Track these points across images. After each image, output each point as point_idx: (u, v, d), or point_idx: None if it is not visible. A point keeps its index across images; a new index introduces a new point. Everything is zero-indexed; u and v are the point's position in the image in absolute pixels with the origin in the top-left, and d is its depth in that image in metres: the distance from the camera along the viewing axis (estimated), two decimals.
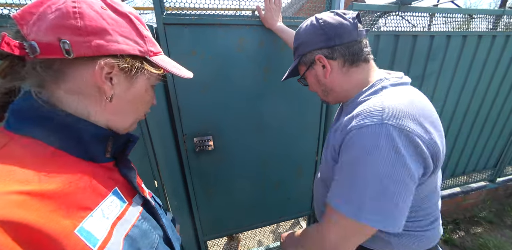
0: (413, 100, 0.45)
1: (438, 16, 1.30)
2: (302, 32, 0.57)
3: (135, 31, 0.34)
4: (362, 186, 0.41)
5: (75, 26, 0.28)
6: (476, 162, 1.88)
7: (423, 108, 0.45)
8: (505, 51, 1.48)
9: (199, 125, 0.99)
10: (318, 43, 0.53)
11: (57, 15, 0.28)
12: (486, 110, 1.65)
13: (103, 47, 0.30)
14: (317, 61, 0.55)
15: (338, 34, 0.50)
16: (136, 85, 0.36)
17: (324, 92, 0.60)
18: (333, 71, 0.54)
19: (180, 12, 0.86)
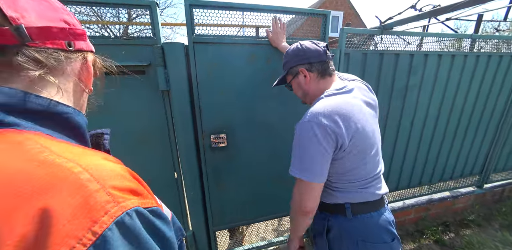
0: (333, 106, 0.67)
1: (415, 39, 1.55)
2: (290, 52, 0.80)
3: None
4: (298, 157, 0.68)
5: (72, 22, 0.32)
6: (462, 168, 2.04)
7: (339, 110, 0.66)
8: (477, 68, 1.71)
9: (215, 123, 1.17)
10: (302, 60, 0.76)
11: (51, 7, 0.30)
12: (466, 119, 1.85)
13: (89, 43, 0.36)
14: (300, 72, 0.77)
15: (314, 56, 0.75)
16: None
17: (303, 95, 0.83)
18: (311, 80, 0.77)
19: (205, 34, 1.08)
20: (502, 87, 1.84)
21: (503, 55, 1.73)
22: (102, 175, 0.22)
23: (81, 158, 0.23)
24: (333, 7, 11.43)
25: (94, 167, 0.23)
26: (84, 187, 0.20)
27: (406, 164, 1.80)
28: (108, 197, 0.21)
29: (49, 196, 0.19)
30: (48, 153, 0.22)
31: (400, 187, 1.88)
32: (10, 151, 0.21)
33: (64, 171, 0.21)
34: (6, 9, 0.24)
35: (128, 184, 0.24)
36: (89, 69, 0.36)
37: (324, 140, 0.65)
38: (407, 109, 1.63)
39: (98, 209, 0.20)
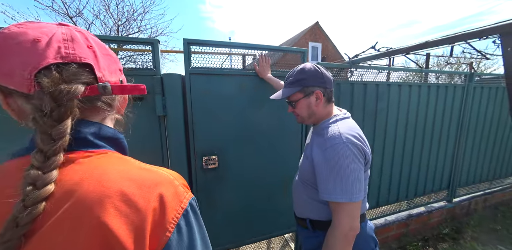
0: (352, 127, 0.79)
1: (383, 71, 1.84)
2: (307, 71, 0.79)
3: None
4: (344, 179, 0.68)
5: (121, 69, 0.41)
6: (432, 183, 2.24)
7: (358, 131, 0.78)
8: (430, 95, 2.03)
9: (207, 146, 1.25)
10: (319, 83, 0.79)
11: (113, 61, 0.38)
12: (428, 139, 2.11)
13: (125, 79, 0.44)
14: (315, 94, 0.80)
15: (328, 82, 0.81)
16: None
17: (309, 115, 0.83)
18: (321, 103, 0.81)
19: (200, 66, 1.23)
20: (452, 110, 2.17)
21: (448, 86, 2.09)
22: (176, 177, 0.37)
23: (160, 168, 0.37)
24: (312, 39, 12.83)
25: (170, 172, 0.37)
26: (173, 183, 0.35)
27: (383, 181, 1.96)
28: (183, 189, 0.35)
29: (160, 187, 0.32)
30: (143, 164, 0.37)
31: (380, 203, 2.00)
32: (123, 162, 0.35)
33: (161, 174, 0.35)
34: (97, 71, 0.34)
35: (185, 183, 0.38)
36: (125, 99, 0.45)
37: (361, 158, 0.70)
38: (377, 130, 1.84)
39: (181, 196, 0.34)
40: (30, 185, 0.26)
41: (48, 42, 0.31)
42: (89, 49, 0.34)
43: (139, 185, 0.31)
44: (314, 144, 0.81)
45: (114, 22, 4.65)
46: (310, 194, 0.83)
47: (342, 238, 0.69)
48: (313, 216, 0.84)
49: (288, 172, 1.47)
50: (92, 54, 0.34)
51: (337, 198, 0.68)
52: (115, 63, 0.39)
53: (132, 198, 0.29)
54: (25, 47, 0.30)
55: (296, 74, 0.81)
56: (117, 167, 0.33)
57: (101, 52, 0.36)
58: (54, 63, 0.30)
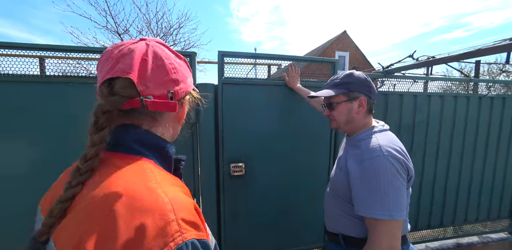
0: (393, 140, 0.74)
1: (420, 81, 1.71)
2: (356, 76, 0.78)
3: (189, 70, 0.45)
4: (384, 194, 0.63)
5: (176, 79, 0.39)
6: (487, 209, 1.92)
7: (399, 145, 0.73)
8: (482, 108, 1.80)
9: (235, 153, 1.28)
10: (366, 91, 0.77)
11: (164, 72, 0.37)
12: (481, 157, 1.84)
13: (187, 89, 0.42)
14: (360, 100, 0.77)
15: (374, 92, 0.79)
16: (185, 109, 0.46)
17: (346, 121, 0.79)
18: (363, 111, 0.78)
19: (232, 76, 1.30)
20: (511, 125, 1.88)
21: (505, 97, 1.83)
22: (178, 207, 0.29)
23: (170, 189, 0.32)
24: (339, 48, 12.58)
25: (175, 199, 0.30)
26: (167, 216, 0.28)
27: (423, 201, 1.74)
28: (177, 227, 0.28)
29: (146, 216, 0.27)
30: (154, 181, 0.32)
31: (419, 227, 1.77)
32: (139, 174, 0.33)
33: (160, 200, 0.29)
34: (138, 85, 0.35)
35: (191, 218, 0.31)
36: (183, 108, 0.44)
37: (403, 174, 0.66)
38: (415, 145, 1.67)
39: (169, 236, 0.27)
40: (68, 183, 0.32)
41: (114, 58, 0.35)
42: (142, 62, 0.35)
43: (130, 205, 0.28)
44: (349, 156, 0.77)
45: (154, 37, 5.18)
46: (344, 208, 0.79)
47: None
48: (346, 232, 0.79)
49: (316, 183, 1.41)
50: (141, 67, 0.35)
51: (376, 214, 0.64)
52: (166, 75, 0.38)
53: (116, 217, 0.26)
54: (102, 63, 0.37)
55: (344, 77, 0.79)
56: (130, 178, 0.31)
57: (155, 63, 0.36)
58: (108, 78, 0.35)
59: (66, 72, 1.14)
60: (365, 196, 0.67)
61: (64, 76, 1.09)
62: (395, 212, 0.63)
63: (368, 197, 0.66)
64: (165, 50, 0.40)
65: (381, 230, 0.64)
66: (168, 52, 0.40)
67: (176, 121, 0.45)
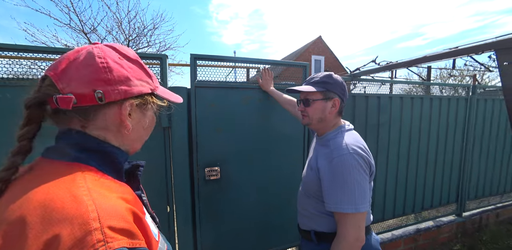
0: (357, 139, 0.81)
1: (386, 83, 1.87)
2: (334, 78, 0.82)
3: (144, 73, 0.42)
4: (351, 190, 0.70)
5: (108, 78, 0.36)
6: (439, 196, 2.18)
7: (363, 143, 0.80)
8: (433, 107, 2.04)
9: (210, 157, 1.27)
10: (341, 93, 0.82)
11: (91, 71, 0.35)
12: (433, 151, 2.08)
13: (128, 91, 0.38)
14: (333, 101, 0.82)
15: (346, 96, 0.85)
16: (147, 116, 0.44)
17: (319, 119, 0.83)
18: (334, 112, 0.83)
19: (206, 80, 1.29)
20: (456, 123, 2.15)
21: (450, 98, 2.10)
22: (106, 215, 0.28)
23: (101, 196, 0.30)
24: (315, 52, 13.17)
25: (104, 206, 0.29)
26: (88, 225, 0.26)
27: (388, 194, 1.91)
28: (101, 236, 0.26)
29: (62, 226, 0.25)
30: (84, 189, 0.30)
31: (386, 217, 1.95)
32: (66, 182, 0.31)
33: (83, 208, 0.27)
34: (57, 83, 0.34)
35: (123, 225, 0.29)
36: (122, 112, 0.39)
37: (366, 169, 0.73)
38: (380, 143, 1.83)
39: (89, 246, 0.25)
40: None
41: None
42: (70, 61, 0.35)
43: (45, 216, 0.26)
44: (319, 155, 0.82)
45: (125, 38, 4.88)
46: (315, 206, 0.83)
47: (348, 249, 0.69)
48: (318, 228, 0.83)
49: (291, 183, 1.46)
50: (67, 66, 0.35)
51: (343, 208, 0.69)
52: (95, 73, 0.35)
53: (27, 229, 0.25)
54: None
55: (323, 77, 0.82)
56: (53, 186, 0.29)
57: (85, 62, 0.35)
58: (42, 77, 0.36)
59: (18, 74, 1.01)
60: (333, 192, 0.72)
61: (16, 79, 0.98)
62: (360, 205, 0.69)
63: (337, 193, 0.71)
64: (107, 51, 0.38)
65: (348, 222, 0.70)
66: (113, 53, 0.39)
67: (122, 126, 0.40)
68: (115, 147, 0.40)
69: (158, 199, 1.17)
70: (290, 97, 1.26)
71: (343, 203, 0.70)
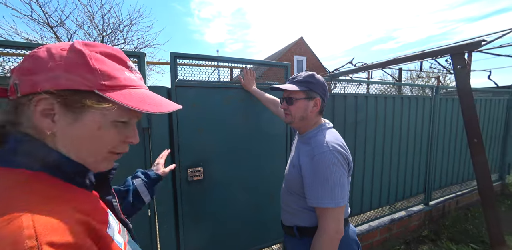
0: (336, 137, 0.85)
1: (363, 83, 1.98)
2: (317, 78, 0.84)
3: (83, 66, 0.33)
4: (331, 185, 0.73)
5: (23, 67, 0.32)
6: (410, 188, 2.38)
7: (342, 141, 0.84)
8: (403, 106, 2.21)
9: (192, 158, 1.24)
10: (322, 93, 0.85)
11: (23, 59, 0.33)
12: (404, 147, 2.26)
13: (38, 83, 0.31)
14: (315, 100, 0.84)
15: (327, 96, 0.88)
16: (83, 122, 0.34)
17: (301, 117, 0.85)
18: (315, 111, 0.86)
19: (187, 79, 1.26)
20: (423, 120, 2.36)
21: (418, 98, 2.29)
22: (45, 231, 0.25)
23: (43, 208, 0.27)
24: (297, 53, 13.49)
25: (44, 221, 0.26)
26: (21, 244, 0.23)
27: (366, 188, 2.04)
28: None
29: None
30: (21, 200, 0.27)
31: (364, 210, 2.07)
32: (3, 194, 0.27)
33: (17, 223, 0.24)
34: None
35: (67, 239, 0.26)
36: (35, 109, 0.32)
37: (345, 165, 0.77)
38: (358, 140, 1.94)
39: None
40: None
41: None
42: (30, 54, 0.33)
43: None
44: (301, 153, 0.84)
45: (99, 33, 4.55)
46: (298, 202, 0.86)
47: (329, 241, 0.73)
48: (300, 223, 0.87)
49: (275, 181, 1.49)
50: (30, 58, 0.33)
51: (324, 203, 0.73)
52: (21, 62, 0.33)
53: None
54: None
55: (306, 76, 0.84)
56: None
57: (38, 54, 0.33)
58: None
59: None
60: (315, 188, 0.75)
61: None
62: (340, 199, 0.74)
63: (318, 189, 0.74)
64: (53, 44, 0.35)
65: (328, 216, 0.74)
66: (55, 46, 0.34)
67: (41, 127, 0.33)
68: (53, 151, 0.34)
69: None
70: (272, 97, 1.28)
71: (324, 198, 0.73)
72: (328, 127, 0.88)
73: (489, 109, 2.91)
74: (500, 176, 3.28)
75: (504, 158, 3.24)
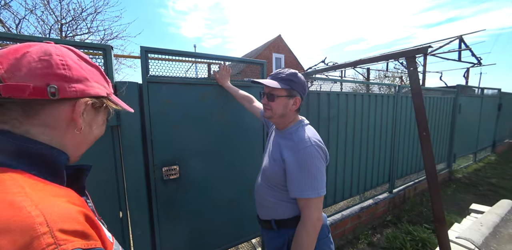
0: (315, 133, 0.89)
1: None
2: (299, 77, 0.85)
3: (103, 77, 0.44)
4: (313, 177, 0.78)
5: (65, 75, 0.36)
6: (377, 178, 2.61)
7: (319, 137, 0.89)
8: (371, 103, 2.40)
9: (167, 156, 1.21)
10: (302, 92, 0.87)
11: (46, 65, 0.34)
12: (371, 140, 2.47)
13: (85, 90, 0.38)
14: (295, 99, 0.87)
15: (305, 95, 0.91)
16: (98, 119, 0.44)
17: (281, 114, 0.88)
18: (294, 109, 0.89)
19: (159, 75, 1.21)
20: (387, 116, 2.60)
21: (383, 95, 2.51)
22: (54, 219, 0.26)
23: (45, 200, 0.28)
24: (275, 50, 13.69)
25: (51, 209, 0.27)
26: (34, 230, 0.24)
27: (338, 179, 2.19)
28: (52, 240, 0.25)
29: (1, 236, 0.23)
30: (20, 194, 0.27)
31: (337, 200, 2.23)
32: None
33: (23, 214, 0.25)
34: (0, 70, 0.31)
35: (76, 226, 0.28)
36: (77, 110, 0.38)
37: (324, 158, 0.83)
38: (331, 135, 2.07)
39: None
40: None
41: None
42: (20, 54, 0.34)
43: None
44: (283, 147, 0.87)
45: (56, 20, 4.07)
46: (276, 194, 0.89)
47: (312, 228, 0.78)
48: (277, 216, 0.90)
49: (252, 176, 1.52)
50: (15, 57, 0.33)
51: (309, 194, 0.78)
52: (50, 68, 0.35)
53: None
54: None
55: (289, 75, 0.85)
56: None
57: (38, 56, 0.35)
58: None
59: None
60: (299, 180, 0.79)
61: None
62: (321, 190, 0.79)
63: (302, 180, 0.79)
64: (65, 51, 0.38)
65: (311, 206, 0.79)
66: (71, 54, 0.39)
67: (72, 125, 0.39)
68: (54, 148, 0.37)
69: (107, 204, 1.06)
70: (246, 93, 1.30)
71: (308, 189, 0.78)
72: (306, 124, 0.93)
73: (439, 106, 3.31)
74: (447, 164, 3.78)
75: (451, 149, 3.73)
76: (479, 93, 4.35)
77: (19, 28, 3.84)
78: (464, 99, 3.78)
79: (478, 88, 4.31)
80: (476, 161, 4.58)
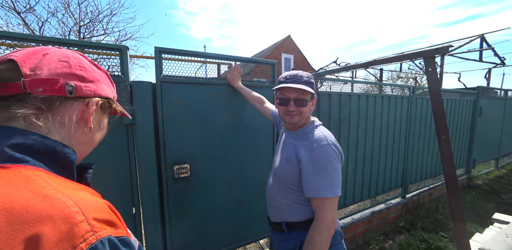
0: (330, 132, 0.88)
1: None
2: (313, 79, 0.89)
3: (110, 82, 0.48)
4: (329, 176, 0.77)
5: (82, 75, 0.39)
6: (389, 182, 2.52)
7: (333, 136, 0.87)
8: (384, 104, 2.33)
9: (179, 154, 1.23)
10: (316, 92, 0.89)
11: (65, 65, 0.37)
12: (384, 143, 2.39)
13: (97, 91, 0.42)
14: (314, 100, 0.90)
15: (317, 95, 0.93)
16: (104, 120, 0.47)
17: (304, 116, 0.86)
18: (312, 110, 0.90)
19: (173, 74, 1.23)
20: (401, 118, 2.51)
21: (396, 97, 2.43)
22: (87, 208, 0.28)
23: (73, 193, 0.30)
24: (285, 51, 13.61)
25: (82, 201, 0.29)
26: (73, 218, 0.26)
27: (349, 183, 2.14)
28: (88, 227, 0.27)
29: (42, 224, 0.24)
30: (50, 188, 0.29)
31: (347, 204, 2.17)
32: (22, 184, 0.28)
33: (60, 204, 0.27)
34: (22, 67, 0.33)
35: (106, 216, 0.30)
36: (89, 109, 0.40)
37: (340, 159, 0.82)
38: (342, 136, 2.03)
39: (78, 237, 0.25)
40: None
41: None
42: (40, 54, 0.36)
43: (12, 218, 0.24)
44: (298, 147, 0.85)
45: (75, 22, 4.28)
46: (289, 196, 0.87)
47: (326, 230, 0.75)
48: (289, 219, 0.88)
49: (262, 177, 1.52)
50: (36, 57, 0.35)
51: (325, 193, 0.76)
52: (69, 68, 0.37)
53: None
54: None
55: (309, 77, 0.86)
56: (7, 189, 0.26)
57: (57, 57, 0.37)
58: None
59: None
60: (316, 179, 0.77)
61: None
62: (337, 189, 0.77)
63: (319, 179, 0.77)
64: (79, 56, 0.42)
65: (327, 206, 0.77)
66: (84, 59, 0.42)
67: (82, 124, 0.41)
68: (67, 146, 0.38)
69: (122, 200, 1.09)
70: (258, 94, 1.30)
71: (324, 189, 0.76)
72: (319, 124, 0.92)
73: (458, 109, 3.16)
74: (466, 170, 3.59)
75: (470, 154, 3.54)
76: (502, 95, 4.10)
77: (42, 30, 4.06)
78: (485, 101, 3.58)
79: (500, 90, 4.07)
80: (498, 167, 4.32)
